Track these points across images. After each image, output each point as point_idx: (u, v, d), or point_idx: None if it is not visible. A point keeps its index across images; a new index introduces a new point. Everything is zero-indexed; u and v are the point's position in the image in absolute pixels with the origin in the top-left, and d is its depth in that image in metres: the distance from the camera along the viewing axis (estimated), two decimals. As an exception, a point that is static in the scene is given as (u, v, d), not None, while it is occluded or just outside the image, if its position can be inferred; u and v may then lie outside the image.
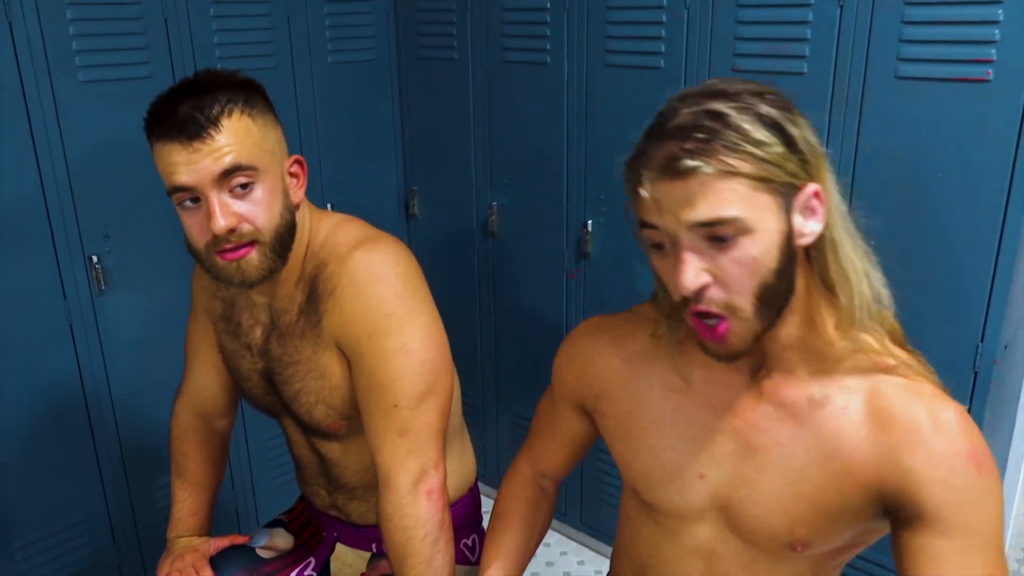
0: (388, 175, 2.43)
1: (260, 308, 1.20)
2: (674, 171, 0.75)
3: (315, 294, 1.13)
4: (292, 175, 1.11)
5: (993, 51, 1.36)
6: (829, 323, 0.84)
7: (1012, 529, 1.81)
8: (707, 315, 0.80)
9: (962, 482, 0.78)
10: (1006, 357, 1.54)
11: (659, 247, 0.80)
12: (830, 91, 1.55)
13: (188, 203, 1.03)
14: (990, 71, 1.37)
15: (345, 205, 2.28)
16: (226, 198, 1.01)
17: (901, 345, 0.88)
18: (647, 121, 0.81)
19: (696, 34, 1.71)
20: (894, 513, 0.82)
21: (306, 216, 1.15)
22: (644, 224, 0.80)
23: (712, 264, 0.77)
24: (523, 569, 1.15)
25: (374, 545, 1.34)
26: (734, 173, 0.74)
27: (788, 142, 0.77)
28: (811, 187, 0.78)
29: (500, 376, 2.38)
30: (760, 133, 0.75)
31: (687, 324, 0.86)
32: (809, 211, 0.79)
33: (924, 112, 1.45)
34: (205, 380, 1.35)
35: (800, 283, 0.82)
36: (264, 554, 1.34)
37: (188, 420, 1.37)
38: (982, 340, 1.46)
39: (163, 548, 1.33)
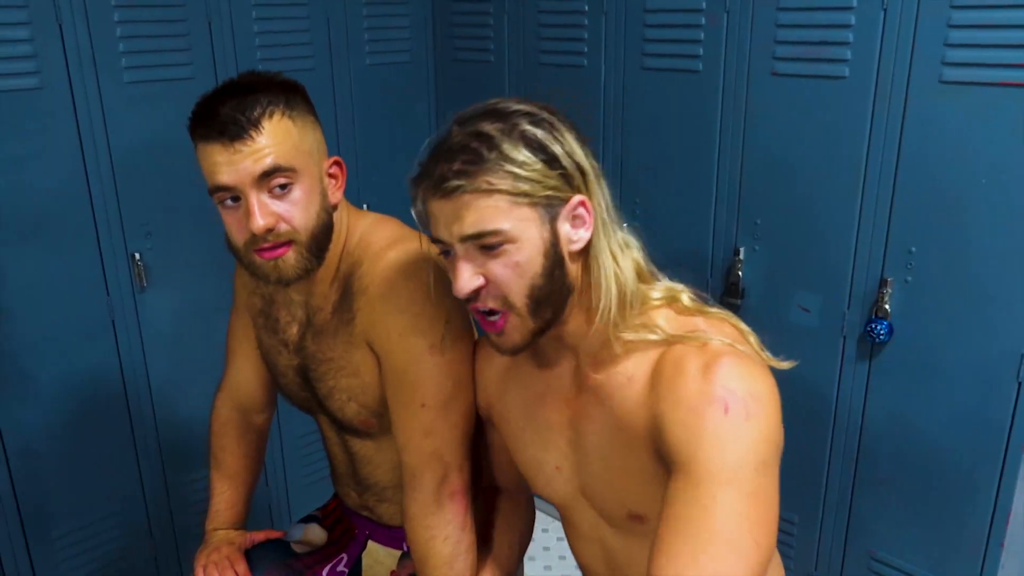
0: (423, 176, 2.44)
1: (297, 305, 1.22)
2: (443, 191, 0.84)
3: (348, 292, 1.14)
4: (331, 176, 1.12)
5: (1039, 55, 1.33)
6: (596, 316, 0.91)
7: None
8: (489, 312, 0.89)
9: (702, 422, 0.80)
10: (1050, 367, 1.51)
11: (447, 254, 0.89)
12: (872, 95, 1.53)
13: (229, 202, 1.04)
14: (1037, 75, 1.34)
15: (380, 206, 2.27)
16: (265, 198, 1.03)
17: (694, 310, 0.92)
18: (685, 125, 0.84)
19: (735, 37, 1.70)
20: (663, 459, 0.85)
21: (343, 216, 1.16)
22: (436, 240, 0.89)
23: (483, 268, 0.87)
24: (511, 573, 1.19)
25: (405, 544, 1.35)
26: (494, 191, 0.83)
27: (550, 160, 0.85)
28: (576, 198, 0.87)
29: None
30: (521, 154, 0.83)
31: None
32: (579, 220, 0.88)
33: (968, 117, 1.43)
34: (245, 375, 1.37)
35: (584, 282, 0.90)
36: (298, 549, 1.35)
37: (228, 414, 1.39)
38: (1026, 350, 1.44)
39: (197, 541, 1.35)
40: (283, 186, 1.03)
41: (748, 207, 1.76)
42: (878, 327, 1.58)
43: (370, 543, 1.38)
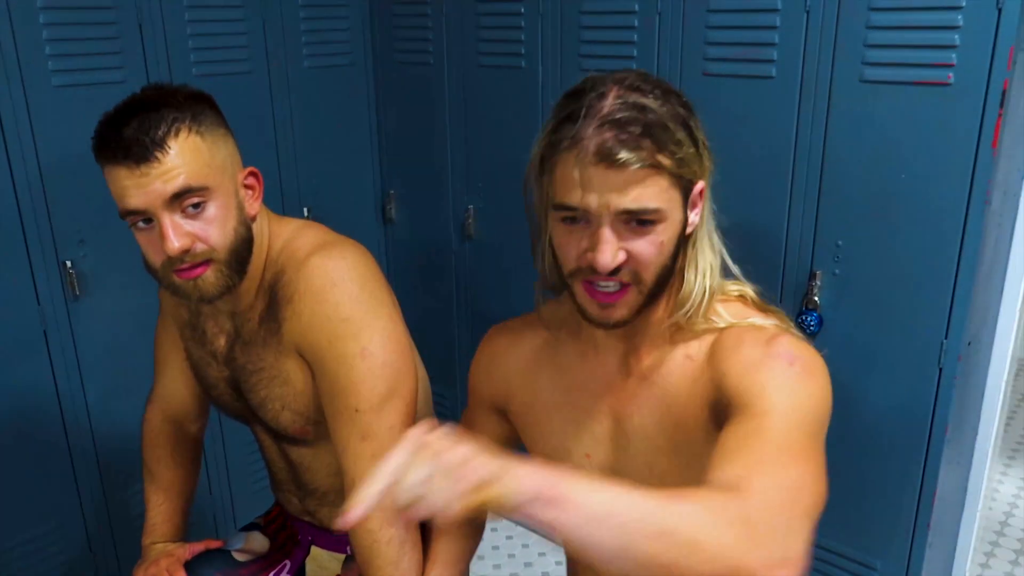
0: (365, 179, 2.43)
1: (224, 316, 1.20)
2: (609, 159, 0.80)
3: (274, 301, 1.13)
4: (247, 187, 1.10)
5: (953, 55, 1.39)
6: (677, 301, 0.92)
7: (977, 524, 1.85)
8: (608, 284, 0.86)
9: (768, 371, 0.83)
10: (970, 354, 1.57)
11: (572, 221, 0.85)
12: (798, 94, 1.58)
13: (141, 224, 1.02)
14: (951, 75, 1.40)
15: (322, 210, 2.28)
16: (178, 219, 1.00)
17: (757, 305, 0.95)
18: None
19: (667, 39, 1.74)
20: (717, 418, 0.86)
21: (264, 224, 1.15)
22: (563, 206, 0.84)
23: (627, 244, 0.84)
24: (463, 573, 1.18)
25: (348, 548, 1.35)
26: (660, 169, 0.82)
27: (694, 143, 0.85)
28: (700, 184, 0.88)
29: (478, 378, 2.39)
30: (680, 133, 0.83)
31: (570, 307, 0.93)
32: (693, 205, 0.88)
33: (888, 114, 1.48)
34: (175, 385, 1.35)
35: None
36: (240, 557, 1.34)
37: (160, 426, 1.37)
38: (946, 337, 1.50)
39: (139, 554, 1.32)
40: (196, 205, 1.01)
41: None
42: (808, 319, 1.63)
43: (314, 548, 1.37)
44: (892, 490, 1.63)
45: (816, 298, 1.63)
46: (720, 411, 0.86)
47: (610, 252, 0.83)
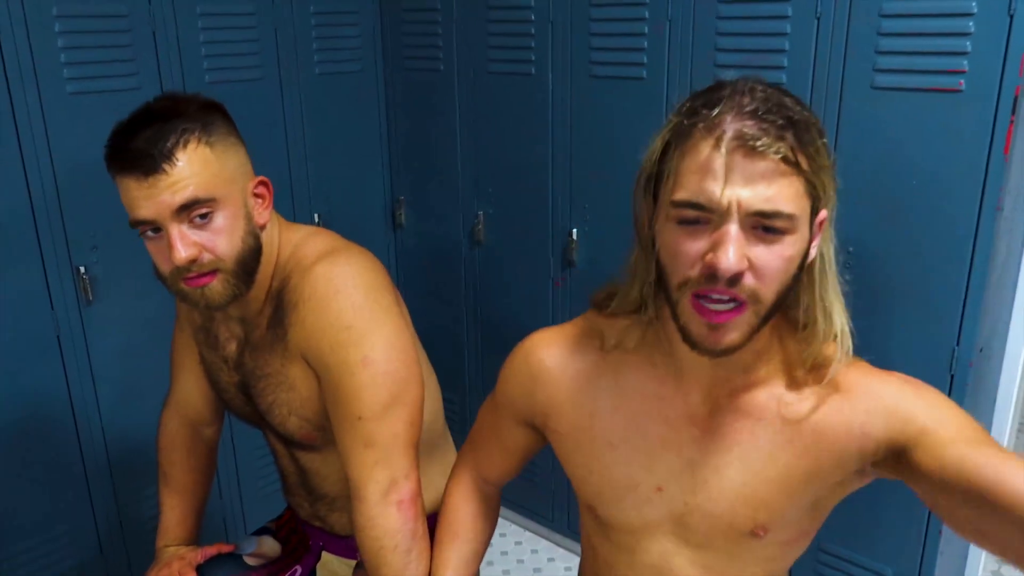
0: (374, 185, 2.44)
1: (235, 322, 1.21)
2: (750, 148, 0.73)
3: (280, 307, 1.13)
4: (257, 196, 1.11)
5: (965, 62, 1.39)
6: (800, 342, 0.86)
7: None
8: (730, 299, 0.77)
9: (938, 398, 0.85)
10: (981, 360, 1.57)
11: (688, 222, 0.77)
12: (809, 100, 1.58)
13: (150, 233, 1.03)
14: (962, 81, 1.40)
15: (332, 215, 2.29)
16: (186, 229, 1.01)
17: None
18: (632, 131, 0.81)
19: (677, 46, 1.74)
20: (896, 451, 0.84)
21: (275, 231, 1.15)
22: (686, 203, 0.76)
23: (752, 252, 0.76)
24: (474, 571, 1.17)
25: (358, 554, 1.35)
26: (798, 169, 0.74)
27: (832, 163, 0.79)
28: (823, 213, 0.80)
29: (487, 383, 2.39)
30: (819, 141, 0.77)
31: (645, 330, 0.90)
32: (815, 234, 0.81)
33: (899, 121, 1.48)
34: (190, 390, 1.36)
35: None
36: (251, 561, 1.34)
37: (175, 429, 1.38)
38: (958, 343, 1.49)
39: (150, 558, 1.33)
40: (204, 215, 1.02)
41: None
42: (819, 325, 1.62)
43: (324, 554, 1.38)
44: (904, 497, 1.62)
45: (827, 304, 1.62)
46: (894, 450, 0.84)
47: (736, 252, 0.74)
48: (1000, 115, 1.38)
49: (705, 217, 0.76)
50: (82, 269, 1.82)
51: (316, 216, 2.27)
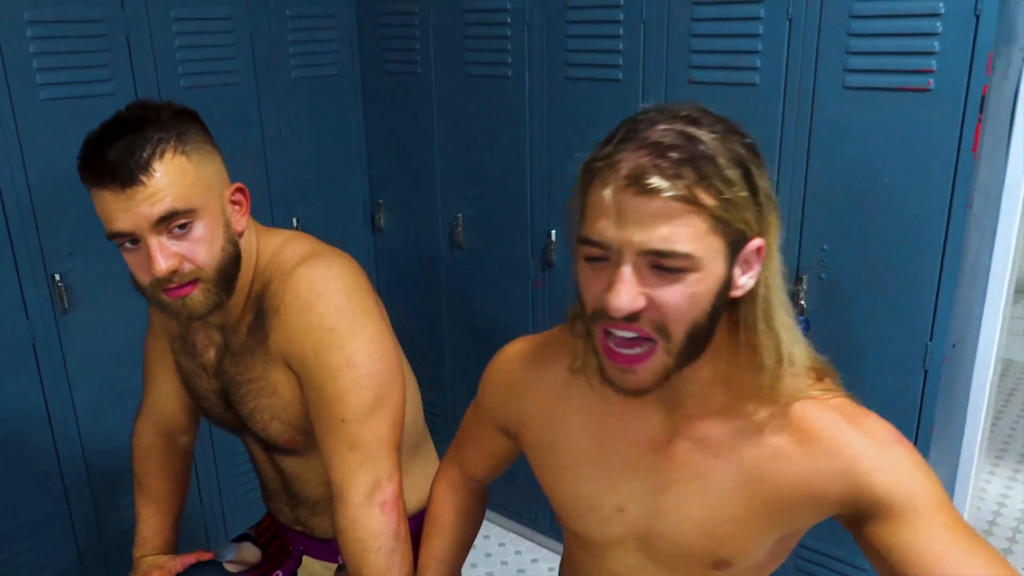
0: (354, 189, 2.44)
1: (213, 329, 1.20)
2: (641, 186, 0.71)
3: (261, 312, 1.13)
4: (234, 203, 1.10)
5: (933, 62, 1.42)
6: (751, 375, 0.82)
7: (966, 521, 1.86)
8: (631, 343, 0.76)
9: (903, 464, 0.80)
10: (954, 356, 1.59)
11: (594, 259, 0.76)
12: (781, 101, 1.60)
13: (128, 245, 1.02)
14: (931, 81, 1.42)
15: (311, 219, 2.29)
16: (165, 240, 1.00)
17: (815, 369, 0.87)
18: (609, 128, 0.80)
19: (652, 48, 1.76)
20: (852, 515, 0.83)
21: (252, 237, 1.15)
22: (585, 240, 0.76)
23: (650, 290, 0.74)
24: (457, 572, 1.17)
25: (340, 557, 1.35)
26: (699, 207, 0.71)
27: (752, 189, 0.74)
28: (757, 242, 0.76)
29: (467, 385, 2.39)
30: (731, 172, 0.72)
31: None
32: (747, 264, 0.77)
33: (870, 120, 1.50)
34: (165, 398, 1.34)
35: (721, 328, 0.80)
36: (232, 568, 1.34)
37: (150, 438, 1.36)
38: (931, 339, 1.52)
39: (130, 567, 1.32)
40: (183, 226, 1.01)
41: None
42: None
43: (305, 558, 1.37)
44: (880, 492, 1.65)
45: (802, 302, 1.64)
46: (852, 511, 0.82)
47: (626, 293, 0.73)
48: (968, 114, 1.40)
49: (605, 255, 0.75)
50: (57, 277, 1.80)
51: (295, 220, 2.26)
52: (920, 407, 1.56)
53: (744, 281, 0.77)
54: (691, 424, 0.87)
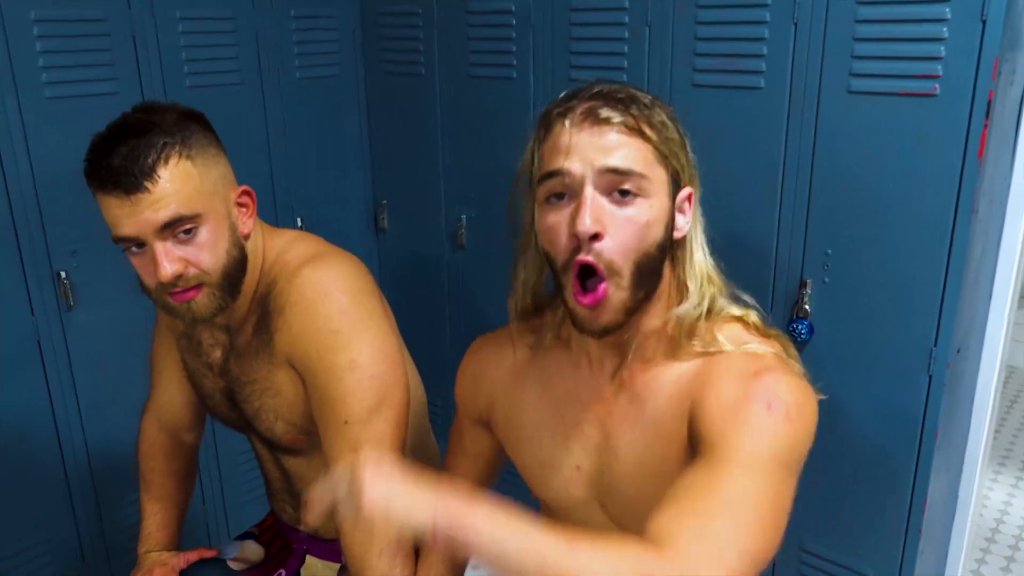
0: (357, 189, 2.44)
1: (219, 329, 1.21)
2: (595, 117, 0.83)
3: (266, 313, 1.13)
4: (240, 205, 1.10)
5: (939, 67, 1.41)
6: (681, 315, 0.91)
7: (968, 530, 1.86)
8: (590, 273, 0.84)
9: (742, 413, 0.82)
10: (959, 361, 1.59)
11: (558, 196, 0.85)
12: (787, 105, 1.60)
13: (134, 248, 1.02)
14: (936, 86, 1.42)
15: (314, 219, 2.29)
16: (170, 245, 1.01)
17: (758, 329, 0.93)
18: None
19: (657, 50, 1.76)
20: (692, 454, 0.86)
21: (258, 238, 1.15)
22: (549, 175, 0.85)
23: (609, 218, 0.83)
24: None
25: (343, 557, 1.35)
26: (644, 136, 0.83)
27: (683, 140, 0.88)
28: (688, 189, 0.89)
29: (471, 387, 2.39)
30: (664, 117, 0.86)
31: (559, 326, 0.96)
32: (680, 211, 0.89)
33: (875, 125, 1.50)
34: (171, 396, 1.35)
35: (666, 274, 0.91)
36: (235, 566, 1.34)
37: (155, 436, 1.37)
38: (935, 344, 1.51)
39: (132, 564, 1.33)
40: (188, 231, 1.01)
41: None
42: (799, 327, 1.64)
43: (308, 557, 1.38)
44: (883, 497, 1.64)
45: (807, 306, 1.64)
46: (693, 443, 0.86)
47: (591, 214, 0.82)
48: (974, 119, 1.40)
49: (566, 188, 0.84)
50: (62, 274, 1.81)
51: (299, 220, 2.26)
52: (924, 413, 1.55)
53: (681, 224, 0.89)
54: (632, 376, 0.94)
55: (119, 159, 0.97)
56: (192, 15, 1.95)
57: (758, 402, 0.82)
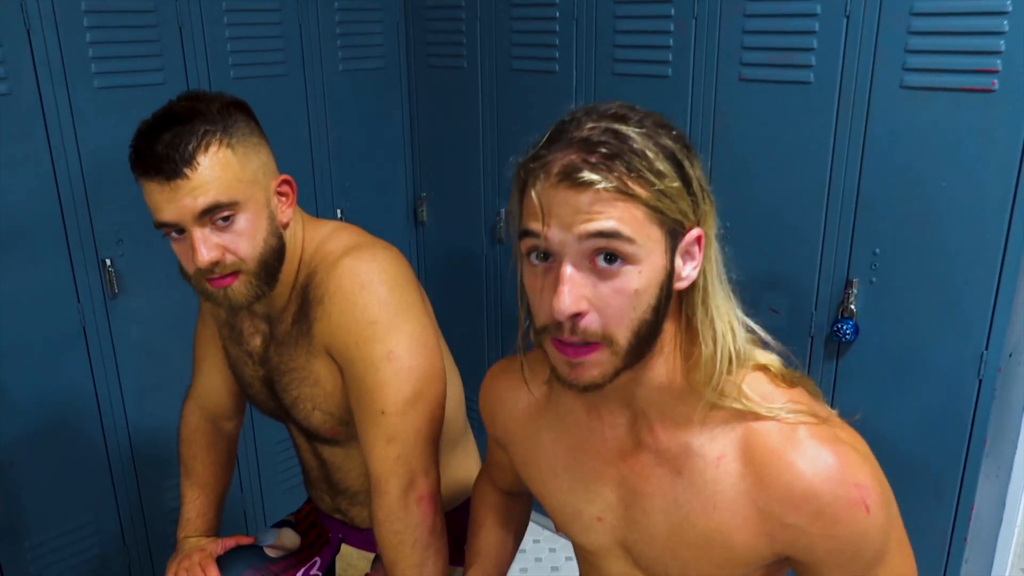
0: (397, 182, 2.45)
1: (259, 317, 1.22)
2: (573, 180, 0.71)
3: (306, 302, 1.14)
4: (280, 194, 1.11)
5: (998, 61, 1.37)
6: (694, 370, 0.81)
7: (1015, 539, 1.81)
8: (580, 343, 0.76)
9: (852, 529, 0.77)
10: (1011, 365, 1.54)
11: (540, 257, 0.76)
12: (836, 101, 1.56)
13: (174, 234, 1.04)
14: (995, 81, 1.38)
15: (354, 212, 2.30)
16: (208, 231, 1.02)
17: (784, 378, 0.84)
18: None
19: (703, 44, 1.73)
20: (791, 559, 0.83)
21: (299, 227, 1.16)
22: (527, 233, 0.75)
23: (592, 292, 0.74)
24: (505, 568, 1.16)
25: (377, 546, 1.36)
26: (632, 196, 0.72)
27: (684, 180, 0.75)
28: (695, 232, 0.77)
29: (507, 382, 2.38)
30: (661, 164, 0.73)
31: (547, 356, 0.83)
32: (688, 255, 0.78)
33: (929, 122, 1.46)
34: (213, 383, 1.37)
35: (668, 326, 0.81)
36: (271, 553, 1.35)
37: (196, 422, 1.39)
38: (987, 348, 1.47)
39: (172, 549, 1.34)
40: (226, 218, 1.03)
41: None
42: (844, 327, 1.61)
43: (343, 546, 1.38)
44: (928, 504, 1.60)
45: (852, 306, 1.60)
46: (789, 558, 0.82)
47: (569, 294, 0.72)
48: (1034, 115, 1.35)
49: (546, 250, 0.74)
50: (108, 262, 1.84)
51: (339, 212, 2.28)
52: (972, 419, 1.51)
53: (688, 272, 0.78)
54: (654, 433, 0.86)
55: (161, 146, 0.98)
56: (238, 7, 1.97)
57: (856, 510, 0.77)
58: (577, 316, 0.74)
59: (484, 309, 2.39)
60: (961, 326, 1.49)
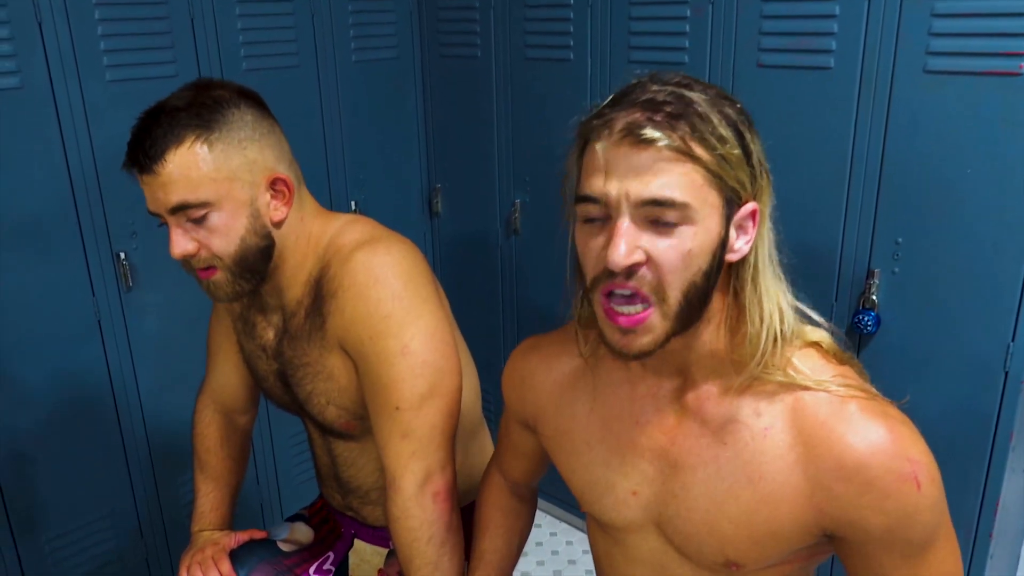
0: (411, 173, 2.43)
1: (273, 311, 1.20)
2: (635, 138, 0.72)
3: (319, 296, 1.12)
4: (276, 191, 1.08)
5: (1025, 44, 1.33)
6: (740, 346, 0.82)
7: (1044, 533, 1.77)
8: (631, 299, 0.76)
9: (902, 503, 0.76)
10: (1038, 357, 1.50)
11: (592, 220, 0.77)
12: (857, 86, 1.52)
13: (163, 224, 1.05)
14: (1021, 64, 1.34)
15: (368, 203, 2.29)
16: (185, 224, 1.03)
17: (835, 355, 0.84)
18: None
19: (720, 30, 1.70)
20: (836, 535, 0.81)
21: (309, 221, 1.13)
22: (584, 198, 0.76)
23: (648, 245, 0.74)
24: (507, 573, 1.16)
25: (391, 542, 1.35)
26: (693, 158, 0.72)
27: (745, 150, 0.76)
28: (751, 205, 0.78)
29: (523, 374, 2.37)
30: (724, 130, 0.74)
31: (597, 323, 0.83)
32: (742, 229, 0.78)
33: (954, 107, 1.42)
34: (227, 377, 1.36)
35: (717, 297, 0.81)
36: (285, 547, 1.35)
37: (210, 416, 1.38)
38: (1013, 340, 1.43)
39: (188, 541, 1.34)
40: (199, 216, 1.02)
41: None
42: (865, 318, 1.57)
43: (357, 541, 1.38)
44: (953, 498, 1.55)
45: (874, 297, 1.57)
46: (836, 532, 0.80)
47: (624, 246, 0.73)
48: (1062, 100, 1.31)
49: (603, 213, 0.75)
50: (122, 255, 1.84)
51: (353, 203, 2.27)
52: (998, 412, 1.47)
53: (740, 245, 0.78)
54: (699, 404, 0.85)
55: (138, 139, 1.00)
56: (249, -3, 1.96)
57: (906, 485, 0.76)
58: (634, 266, 0.74)
59: (500, 301, 2.37)
60: (987, 317, 1.46)
